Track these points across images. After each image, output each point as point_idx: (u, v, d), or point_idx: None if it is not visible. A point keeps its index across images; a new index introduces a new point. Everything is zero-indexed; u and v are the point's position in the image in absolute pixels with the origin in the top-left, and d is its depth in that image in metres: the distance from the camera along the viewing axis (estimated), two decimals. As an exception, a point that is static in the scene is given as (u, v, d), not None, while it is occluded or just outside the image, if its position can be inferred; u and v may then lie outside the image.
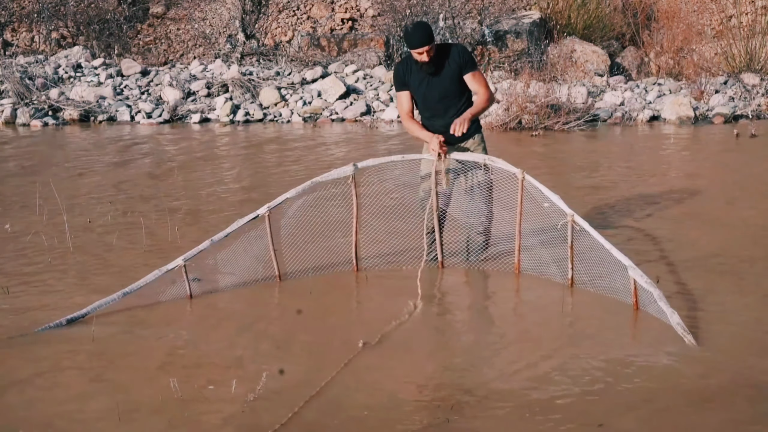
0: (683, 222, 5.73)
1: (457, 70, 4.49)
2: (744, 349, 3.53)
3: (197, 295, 4.33)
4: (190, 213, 6.32)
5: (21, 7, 16.01)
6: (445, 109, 4.54)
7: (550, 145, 9.35)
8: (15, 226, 5.87)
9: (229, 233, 4.40)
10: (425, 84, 4.52)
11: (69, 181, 7.67)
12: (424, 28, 4.41)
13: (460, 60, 4.48)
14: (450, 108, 4.53)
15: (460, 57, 4.48)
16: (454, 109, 4.53)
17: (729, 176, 7.54)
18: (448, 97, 4.53)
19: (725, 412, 2.99)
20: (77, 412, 3.09)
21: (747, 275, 4.53)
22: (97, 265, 4.98)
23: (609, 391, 3.16)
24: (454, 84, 4.51)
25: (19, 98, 12.39)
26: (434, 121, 4.58)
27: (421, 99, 4.59)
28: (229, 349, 3.66)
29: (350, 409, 3.06)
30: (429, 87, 4.52)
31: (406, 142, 9.83)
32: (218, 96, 12.80)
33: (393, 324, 3.82)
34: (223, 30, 15.68)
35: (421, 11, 14.54)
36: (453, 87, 4.52)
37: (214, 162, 8.84)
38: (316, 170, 7.61)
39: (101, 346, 3.70)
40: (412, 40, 4.36)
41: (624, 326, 3.87)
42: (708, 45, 13.91)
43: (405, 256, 4.74)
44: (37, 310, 4.18)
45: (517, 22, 14.77)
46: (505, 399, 3.13)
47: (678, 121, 11.15)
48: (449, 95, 4.53)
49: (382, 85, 13.12)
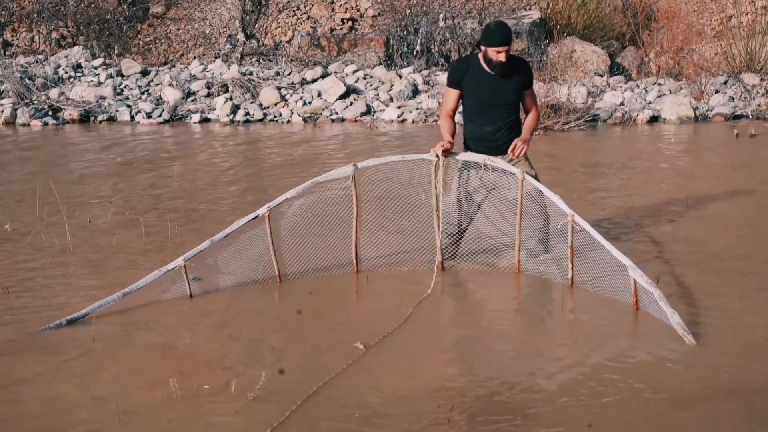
0: (683, 222, 5.73)
1: (519, 83, 4.51)
2: (744, 350, 3.53)
3: (197, 295, 4.33)
4: (189, 213, 6.32)
5: (21, 7, 16.01)
6: (498, 116, 4.53)
7: (551, 145, 9.34)
8: (15, 226, 5.87)
9: (229, 233, 4.40)
10: (487, 86, 4.48)
11: (69, 181, 7.67)
12: (507, 28, 4.42)
13: (526, 75, 4.53)
14: (502, 116, 4.53)
15: (526, 72, 4.54)
16: (504, 120, 4.53)
17: (729, 176, 7.54)
18: (505, 105, 4.52)
19: (725, 412, 2.99)
20: (77, 412, 3.09)
21: (747, 275, 4.53)
22: (97, 265, 4.98)
23: (609, 391, 3.16)
24: (514, 94, 4.53)
25: (19, 98, 12.39)
26: (483, 126, 4.55)
27: (477, 101, 4.53)
28: (229, 349, 3.66)
29: (350, 408, 3.06)
30: (491, 89, 4.49)
31: (406, 142, 9.83)
32: (218, 96, 12.81)
33: (395, 326, 3.82)
34: (223, 30, 15.68)
35: (421, 11, 14.54)
36: (512, 97, 4.53)
37: (214, 162, 8.84)
38: (316, 170, 7.61)
39: (101, 346, 3.70)
40: (495, 37, 4.34)
41: (624, 326, 3.87)
42: (708, 45, 13.91)
43: (405, 257, 4.74)
44: (37, 310, 4.18)
45: (517, 22, 14.77)
46: (506, 399, 3.13)
47: (678, 121, 11.15)
48: (506, 104, 4.52)
49: (382, 85, 13.12)
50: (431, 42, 14.40)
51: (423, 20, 14.36)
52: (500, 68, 4.40)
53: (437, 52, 14.42)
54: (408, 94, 12.64)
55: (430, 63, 14.39)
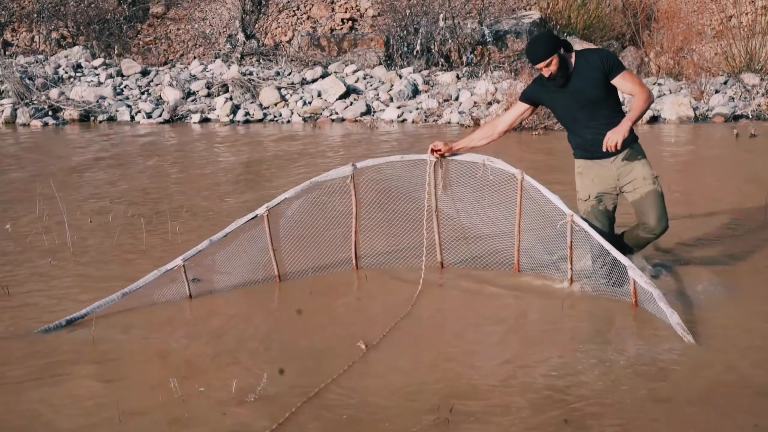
0: (683, 222, 5.73)
1: (600, 77, 4.09)
2: (744, 350, 3.53)
3: (197, 295, 4.33)
4: (189, 213, 6.32)
5: (21, 7, 16.01)
6: (589, 119, 4.15)
7: (551, 145, 9.34)
8: (15, 226, 5.87)
9: (228, 233, 4.40)
10: (560, 97, 4.21)
11: (69, 181, 7.67)
12: (539, 43, 4.11)
13: (604, 66, 4.09)
14: (595, 118, 4.14)
15: (603, 63, 4.09)
16: (598, 120, 4.13)
17: (729, 176, 7.54)
18: (588, 106, 4.14)
19: (725, 412, 2.99)
20: (77, 412, 3.09)
21: (748, 275, 4.53)
22: (97, 265, 4.98)
23: (609, 391, 3.16)
24: (596, 91, 4.12)
25: (19, 98, 12.40)
26: (583, 133, 4.22)
27: (560, 114, 4.34)
28: (229, 349, 3.66)
29: (350, 408, 3.06)
30: (564, 99, 4.19)
31: (407, 142, 9.84)
32: (218, 96, 12.81)
33: (392, 324, 3.83)
34: (223, 30, 15.68)
35: (421, 11, 14.55)
36: (595, 94, 4.12)
37: (213, 162, 8.85)
38: (315, 170, 7.62)
39: (101, 347, 3.70)
40: (529, 56, 4.17)
41: (624, 326, 3.87)
42: (708, 45, 13.92)
43: (405, 256, 4.74)
44: (36, 310, 4.18)
45: (517, 22, 14.78)
46: (506, 399, 3.13)
47: (678, 121, 11.15)
48: (590, 104, 4.13)
49: (382, 85, 13.13)
50: (431, 42, 14.41)
51: (423, 20, 14.36)
52: (556, 81, 4.14)
53: (437, 52, 14.43)
54: (408, 94, 12.65)
55: (430, 63, 14.40)
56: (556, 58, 4.07)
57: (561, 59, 4.09)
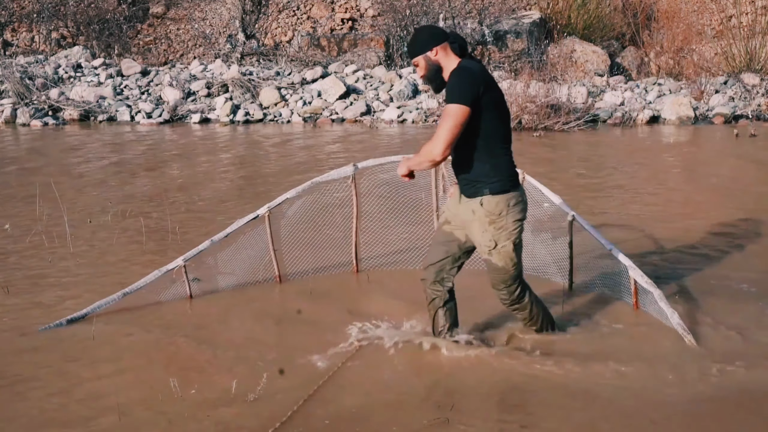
0: (683, 222, 5.73)
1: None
2: (744, 350, 3.53)
3: (197, 295, 4.33)
4: (189, 213, 6.32)
5: (21, 7, 16.01)
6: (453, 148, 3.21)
7: (551, 145, 9.34)
8: (15, 226, 5.87)
9: (228, 233, 4.40)
10: None
11: (69, 181, 7.67)
12: (413, 37, 3.33)
13: (448, 89, 3.18)
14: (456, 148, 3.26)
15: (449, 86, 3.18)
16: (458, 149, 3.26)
17: (729, 176, 7.54)
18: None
19: (724, 412, 2.99)
20: (77, 411, 3.09)
21: (747, 275, 4.53)
22: (97, 264, 4.98)
23: (609, 391, 3.16)
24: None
25: (19, 98, 12.40)
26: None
27: None
28: (229, 349, 3.66)
29: (350, 408, 3.06)
30: None
31: (406, 142, 9.83)
32: (218, 96, 12.81)
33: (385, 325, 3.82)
34: (223, 30, 15.68)
35: (421, 11, 14.55)
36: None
37: (214, 162, 8.85)
38: (315, 170, 7.62)
39: (101, 346, 3.70)
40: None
41: (623, 326, 3.87)
42: (708, 45, 13.92)
43: (405, 256, 4.74)
44: (37, 310, 4.18)
45: (517, 22, 14.77)
46: (505, 399, 3.13)
47: (678, 121, 11.15)
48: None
49: (382, 85, 13.12)
50: (431, 42, 14.39)
51: (423, 20, 14.35)
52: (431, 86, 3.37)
53: (437, 52, 14.41)
54: (408, 94, 12.65)
55: (430, 63, 14.38)
56: (423, 61, 3.24)
57: (429, 65, 3.24)
